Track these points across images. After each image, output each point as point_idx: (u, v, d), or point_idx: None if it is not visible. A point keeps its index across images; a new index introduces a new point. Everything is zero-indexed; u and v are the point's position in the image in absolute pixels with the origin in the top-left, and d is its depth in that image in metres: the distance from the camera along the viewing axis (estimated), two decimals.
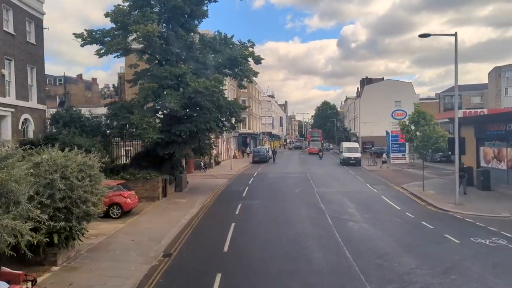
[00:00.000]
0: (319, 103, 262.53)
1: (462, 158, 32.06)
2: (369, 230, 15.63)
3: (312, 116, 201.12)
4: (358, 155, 46.85)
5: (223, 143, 55.74)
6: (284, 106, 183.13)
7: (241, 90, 79.28)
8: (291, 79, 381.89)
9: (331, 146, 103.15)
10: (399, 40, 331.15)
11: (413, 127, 24.81)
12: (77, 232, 11.82)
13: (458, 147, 20.94)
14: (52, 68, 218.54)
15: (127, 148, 30.44)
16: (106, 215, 17.41)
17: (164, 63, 24.93)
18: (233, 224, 16.57)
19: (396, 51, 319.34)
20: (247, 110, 74.98)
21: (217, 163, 47.85)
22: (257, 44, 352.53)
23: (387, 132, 52.09)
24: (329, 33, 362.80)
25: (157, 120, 26.27)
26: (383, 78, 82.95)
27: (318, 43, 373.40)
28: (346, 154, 46.76)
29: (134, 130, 22.60)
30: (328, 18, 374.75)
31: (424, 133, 23.97)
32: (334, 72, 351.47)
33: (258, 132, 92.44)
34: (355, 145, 49.42)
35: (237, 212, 19.43)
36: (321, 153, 58.49)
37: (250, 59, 26.02)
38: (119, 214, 17.87)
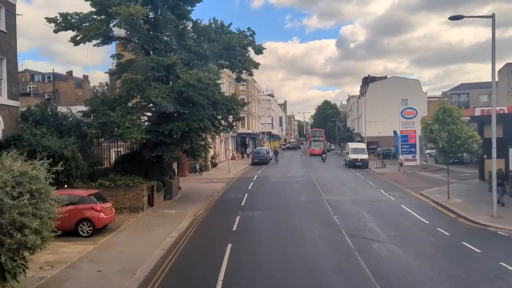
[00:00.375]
0: (318, 104, 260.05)
1: (486, 161, 28.91)
2: (402, 256, 12.39)
3: (311, 116, 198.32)
4: (366, 156, 43.64)
5: (220, 143, 52.50)
6: (283, 106, 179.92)
7: (240, 89, 76.26)
8: (290, 79, 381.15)
9: (333, 147, 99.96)
10: (398, 40, 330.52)
11: (436, 126, 21.51)
12: (13, 270, 8.57)
13: (495, 149, 17.77)
14: (48, 68, 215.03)
15: (118, 149, 27.21)
16: (74, 233, 14.25)
17: (151, 52, 21.66)
18: (229, 246, 13.32)
19: (395, 51, 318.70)
20: (245, 108, 71.75)
21: (214, 165, 44.63)
22: (257, 44, 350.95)
23: (394, 132, 48.92)
24: (328, 33, 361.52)
25: (144, 118, 23.08)
26: (385, 76, 79.74)
27: (317, 43, 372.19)
28: (353, 156, 43.56)
29: (115, 129, 19.34)
30: (327, 18, 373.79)
31: (450, 133, 20.70)
32: (333, 72, 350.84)
33: (258, 132, 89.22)
34: (362, 145, 46.17)
35: (234, 228, 16.19)
36: (324, 156, 53.59)
37: (250, 48, 22.80)
38: (90, 231, 14.58)
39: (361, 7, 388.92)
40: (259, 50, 22.85)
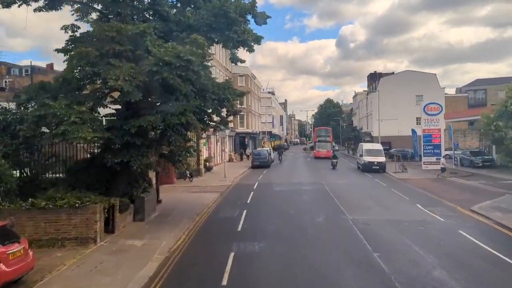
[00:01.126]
0: (318, 103, 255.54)
1: None
2: None
3: (313, 115, 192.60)
4: (383, 159, 37.86)
5: (216, 144, 46.66)
6: (283, 105, 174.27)
7: (238, 84, 70.41)
8: (290, 79, 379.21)
9: (337, 148, 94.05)
10: (397, 40, 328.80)
11: (500, 123, 15.80)
12: None
13: None
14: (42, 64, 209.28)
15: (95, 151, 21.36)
16: None
17: (113, 19, 15.81)
18: None
19: (395, 51, 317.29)
20: (245, 105, 65.69)
21: (208, 169, 38.80)
22: (256, 44, 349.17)
23: (413, 131, 43.17)
24: (328, 33, 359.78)
25: (106, 112, 17.26)
26: (393, 72, 73.91)
27: (317, 43, 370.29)
28: (368, 158, 37.75)
29: (55, 126, 13.52)
30: (327, 18, 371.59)
31: None
32: (332, 72, 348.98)
33: (258, 132, 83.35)
34: (378, 146, 40.29)
35: (224, 283, 10.29)
36: (335, 161, 41.69)
37: (249, 17, 16.97)
38: None
39: (361, 7, 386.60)
40: (262, 19, 16.97)
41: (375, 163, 37.30)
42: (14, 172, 14.80)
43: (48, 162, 17.54)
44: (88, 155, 17.97)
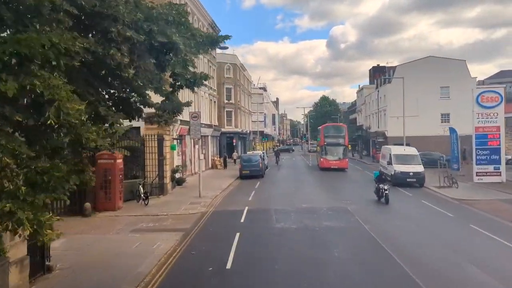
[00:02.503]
0: (309, 103, 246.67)
1: None
2: None
3: (305, 114, 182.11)
4: (421, 168, 27.48)
5: (194, 146, 35.90)
6: (275, 103, 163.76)
7: (225, 75, 59.82)
8: (281, 79, 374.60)
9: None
10: (388, 40, 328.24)
11: None
12: None
13: None
14: None
15: None
16: None
17: None
18: None
19: (385, 52, 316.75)
20: (232, 100, 55.12)
21: (179, 182, 28.04)
22: (246, 44, 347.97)
23: (451, 130, 32.85)
24: (319, 33, 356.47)
25: None
26: (396, 66, 63.70)
27: (308, 44, 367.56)
28: (400, 167, 27.35)
29: None
30: (318, 18, 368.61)
31: None
32: (323, 73, 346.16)
33: (248, 131, 72.76)
34: (412, 150, 29.67)
35: None
36: (385, 189, 21.36)
37: None
38: None
39: (352, 8, 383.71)
40: None
41: (411, 174, 26.91)
42: None
43: None
44: None
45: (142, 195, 20.85)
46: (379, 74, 64.02)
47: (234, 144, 58.07)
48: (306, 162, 51.27)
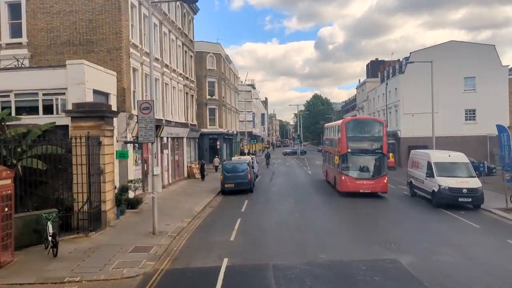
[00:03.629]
0: (296, 105, 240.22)
1: None
2: None
3: (298, 112, 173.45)
4: (477, 183, 19.37)
5: (161, 151, 27.31)
6: (264, 103, 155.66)
7: (207, 66, 51.35)
8: (269, 80, 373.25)
9: None
10: (375, 42, 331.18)
11: None
12: None
13: None
14: None
15: None
16: None
17: None
18: None
19: (372, 53, 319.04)
20: (216, 96, 47.46)
21: (134, 204, 19.44)
22: (235, 45, 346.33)
23: (501, 128, 24.77)
24: (308, 34, 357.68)
25: None
26: (399, 60, 55.89)
27: (296, 45, 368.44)
28: (447, 182, 19.14)
29: None
30: (306, 19, 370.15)
31: None
32: (311, 74, 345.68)
33: (235, 132, 64.37)
34: (460, 157, 21.19)
35: None
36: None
37: None
38: None
39: (340, 9, 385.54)
40: None
41: (464, 191, 18.78)
42: None
43: None
44: None
45: (50, 237, 12.32)
46: (384, 66, 56.13)
47: (218, 147, 49.58)
48: (304, 169, 42.99)
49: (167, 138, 28.66)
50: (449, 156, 21.13)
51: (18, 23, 21.37)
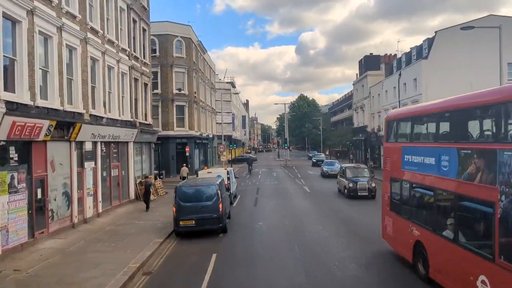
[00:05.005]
0: (278, 108, 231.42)
1: None
2: None
3: (278, 118, 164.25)
4: None
5: (81, 162, 16.92)
6: (245, 106, 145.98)
7: (174, 53, 41.23)
8: (251, 84, 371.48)
9: (323, 157, 66.29)
10: (355, 47, 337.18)
11: None
12: None
13: None
14: None
15: None
16: None
17: None
18: None
19: (353, 58, 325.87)
20: (185, 91, 38.49)
21: None
22: (216, 49, 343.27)
23: None
24: (289, 39, 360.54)
25: None
26: (395, 54, 46.98)
27: (278, 49, 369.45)
28: None
29: None
30: (288, 24, 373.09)
31: None
32: (293, 78, 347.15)
33: (211, 135, 54.17)
34: None
35: None
36: None
37: None
38: None
39: (321, 15, 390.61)
40: None
41: None
42: None
43: None
44: None
45: None
46: (390, 56, 47.04)
47: (187, 153, 39.36)
48: (298, 183, 32.98)
49: (96, 143, 18.34)
50: None
51: None
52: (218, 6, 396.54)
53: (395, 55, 46.48)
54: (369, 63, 63.35)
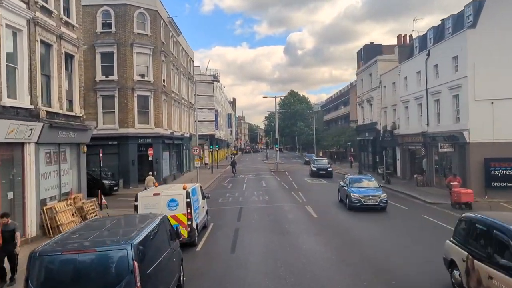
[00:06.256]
0: (267, 107, 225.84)
1: None
2: None
3: (265, 117, 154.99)
4: None
5: None
6: (232, 104, 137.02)
7: (136, 29, 31.89)
8: (239, 84, 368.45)
9: (325, 162, 57.13)
10: (343, 48, 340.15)
11: None
12: None
13: None
14: None
15: None
16: None
17: None
18: None
19: (340, 59, 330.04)
20: (148, 77, 28.85)
21: None
22: (204, 48, 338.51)
23: None
24: (278, 39, 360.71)
25: None
26: (397, 45, 38.83)
27: (266, 49, 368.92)
28: None
29: None
30: (277, 25, 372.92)
31: None
32: (281, 79, 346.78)
33: (187, 134, 44.93)
34: None
35: None
36: None
37: None
38: None
39: (310, 15, 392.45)
40: None
41: None
42: None
43: None
44: None
45: None
46: (405, 37, 38.59)
47: (150, 157, 30.32)
48: (298, 200, 24.18)
49: None
50: None
51: None
52: (206, 6, 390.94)
53: (411, 35, 37.98)
54: (369, 53, 55.00)
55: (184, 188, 13.59)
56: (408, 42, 38.21)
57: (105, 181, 28.10)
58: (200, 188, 16.29)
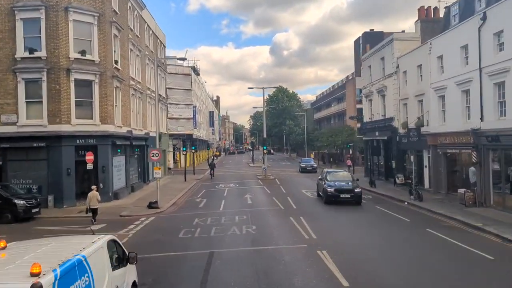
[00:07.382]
0: (251, 110, 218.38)
1: None
2: None
3: (251, 116, 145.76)
4: None
5: None
6: (216, 102, 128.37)
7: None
8: (225, 84, 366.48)
9: (313, 163, 48.90)
10: (329, 49, 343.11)
11: None
12: None
13: None
14: None
15: None
16: None
17: None
18: None
19: (326, 60, 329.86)
20: (93, 56, 19.29)
21: None
22: (189, 48, 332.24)
23: None
24: (263, 40, 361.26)
25: None
26: (418, 20, 30.86)
27: (252, 49, 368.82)
28: None
29: None
30: (263, 25, 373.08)
31: None
32: (266, 79, 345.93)
33: (154, 134, 35.84)
34: None
35: None
36: None
37: None
38: None
39: (296, 16, 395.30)
40: None
41: None
42: None
43: None
44: None
45: None
46: (429, 9, 30.56)
47: (89, 165, 21.53)
48: (302, 235, 15.85)
49: None
50: None
51: None
52: (192, 5, 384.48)
53: (436, 7, 29.92)
54: (369, 42, 47.03)
55: (33, 274, 4.95)
56: (432, 16, 30.12)
57: (18, 201, 19.30)
58: (110, 249, 7.48)
